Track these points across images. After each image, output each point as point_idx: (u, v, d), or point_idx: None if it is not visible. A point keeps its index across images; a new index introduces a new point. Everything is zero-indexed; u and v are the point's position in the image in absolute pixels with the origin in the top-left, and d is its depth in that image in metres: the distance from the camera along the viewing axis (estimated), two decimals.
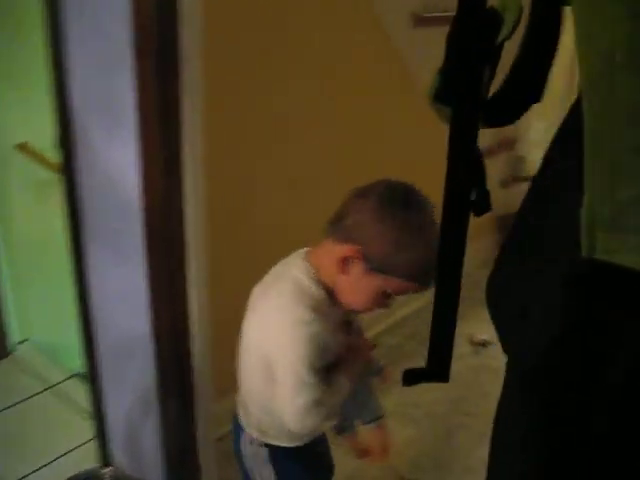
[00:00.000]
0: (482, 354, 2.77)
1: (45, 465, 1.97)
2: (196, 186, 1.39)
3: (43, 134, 1.68)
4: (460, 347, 2.81)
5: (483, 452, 2.22)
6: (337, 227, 1.16)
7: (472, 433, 2.29)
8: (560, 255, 0.57)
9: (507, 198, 3.52)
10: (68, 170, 1.53)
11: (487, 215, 0.74)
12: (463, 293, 0.81)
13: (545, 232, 0.64)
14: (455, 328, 0.77)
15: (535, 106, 0.73)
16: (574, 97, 0.65)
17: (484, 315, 2.95)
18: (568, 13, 0.60)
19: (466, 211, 0.72)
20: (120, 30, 1.26)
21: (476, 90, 0.65)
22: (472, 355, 2.76)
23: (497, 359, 2.56)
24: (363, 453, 1.42)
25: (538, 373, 0.59)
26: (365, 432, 1.36)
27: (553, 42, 0.67)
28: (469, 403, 2.44)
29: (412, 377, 0.78)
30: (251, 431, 1.30)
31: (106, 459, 1.91)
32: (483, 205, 0.74)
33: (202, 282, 1.52)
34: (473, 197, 0.72)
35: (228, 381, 2.01)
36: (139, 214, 1.41)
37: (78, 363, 2.42)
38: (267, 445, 1.29)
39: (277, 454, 1.29)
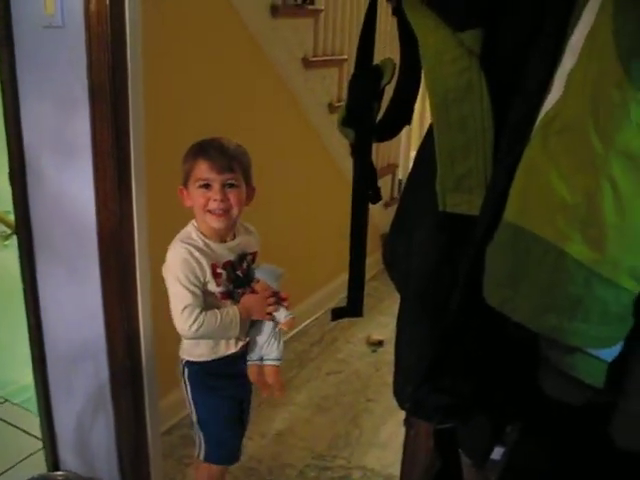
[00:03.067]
0: (379, 352, 3.16)
1: None
2: (142, 207, 1.69)
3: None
4: (359, 347, 3.20)
5: (386, 430, 2.58)
6: None
7: (375, 415, 2.65)
8: (428, 215, 0.93)
9: (390, 217, 4.01)
10: (21, 200, 1.77)
11: (371, 234, 1.10)
12: None
13: (417, 205, 1.00)
14: (364, 280, 1.11)
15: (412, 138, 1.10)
16: None
17: (378, 319, 3.41)
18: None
19: (366, 200, 1.09)
20: (76, 78, 1.56)
21: (369, 117, 1.01)
22: (370, 354, 3.15)
23: (392, 354, 2.99)
24: (263, 386, 1.71)
25: (423, 286, 0.94)
26: (266, 369, 1.70)
27: (415, 87, 1.05)
28: (371, 391, 2.81)
29: (338, 314, 1.11)
30: (180, 351, 1.69)
31: (57, 464, 2.11)
32: (376, 196, 1.11)
33: (147, 293, 1.80)
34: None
35: (169, 379, 2.28)
36: (94, 236, 1.68)
37: (6, 391, 2.59)
38: (186, 362, 1.68)
39: (191, 370, 1.68)
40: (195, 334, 1.55)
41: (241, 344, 1.67)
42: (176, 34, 2.19)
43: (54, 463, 2.11)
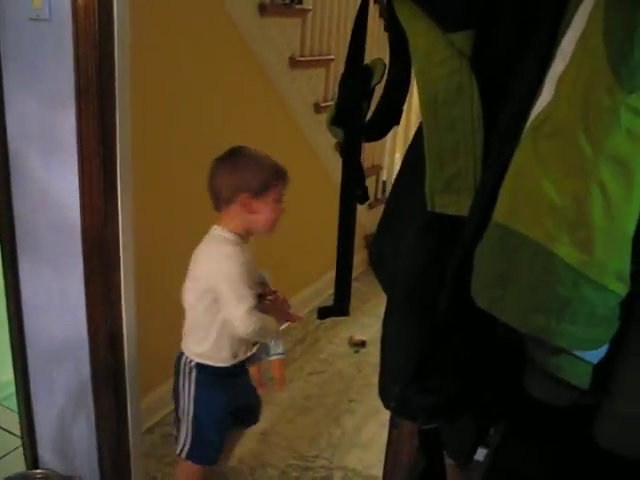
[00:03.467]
0: (361, 352, 3.16)
1: None
2: (128, 206, 1.67)
3: None
4: (342, 347, 3.20)
5: (368, 430, 2.58)
6: (219, 200, 1.70)
7: (357, 416, 2.65)
8: (416, 215, 0.93)
9: (374, 218, 4.03)
10: (4, 197, 1.75)
11: (355, 234, 1.10)
12: None
13: (405, 205, 1.00)
14: (351, 279, 1.11)
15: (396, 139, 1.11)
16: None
17: (361, 320, 3.42)
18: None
19: (354, 200, 1.09)
20: (62, 74, 1.54)
21: (359, 117, 1.01)
22: (353, 354, 3.15)
23: (375, 355, 3.00)
24: (261, 384, 1.91)
25: (411, 286, 0.95)
26: (273, 363, 1.91)
27: (404, 87, 1.05)
28: (353, 392, 2.81)
29: (324, 313, 1.11)
30: (189, 353, 1.75)
31: (36, 463, 2.08)
32: (364, 196, 1.11)
33: (131, 291, 1.79)
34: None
35: (151, 378, 2.28)
36: (78, 234, 1.66)
37: None
38: (197, 364, 1.74)
39: (202, 372, 1.73)
40: (252, 334, 1.65)
41: (257, 346, 1.78)
42: (164, 30, 2.17)
43: (33, 461, 2.08)
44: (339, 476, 2.29)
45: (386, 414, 2.74)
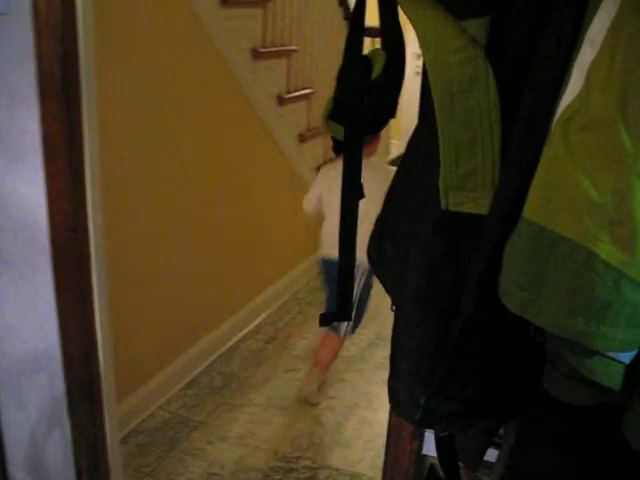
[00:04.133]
0: None
1: None
2: (98, 209, 1.58)
3: None
4: (315, 343, 3.14)
5: (348, 427, 2.54)
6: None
7: (337, 413, 2.61)
8: (427, 213, 0.88)
9: None
10: None
11: None
12: (309, 298, 1.13)
13: (410, 204, 0.95)
14: (353, 284, 1.06)
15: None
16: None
17: None
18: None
19: (356, 198, 1.04)
20: (21, 73, 1.44)
21: (360, 111, 0.96)
22: None
23: (348, 350, 3.00)
24: None
25: (422, 288, 0.90)
26: None
27: (400, 77, 1.00)
28: (332, 389, 2.77)
29: (326, 319, 1.06)
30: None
31: None
32: (361, 193, 1.07)
33: (105, 299, 1.70)
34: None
35: (124, 385, 2.20)
36: (46, 240, 1.57)
37: None
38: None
39: None
40: None
41: None
42: (125, 23, 2.08)
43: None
44: (324, 476, 2.24)
45: (365, 410, 2.72)
